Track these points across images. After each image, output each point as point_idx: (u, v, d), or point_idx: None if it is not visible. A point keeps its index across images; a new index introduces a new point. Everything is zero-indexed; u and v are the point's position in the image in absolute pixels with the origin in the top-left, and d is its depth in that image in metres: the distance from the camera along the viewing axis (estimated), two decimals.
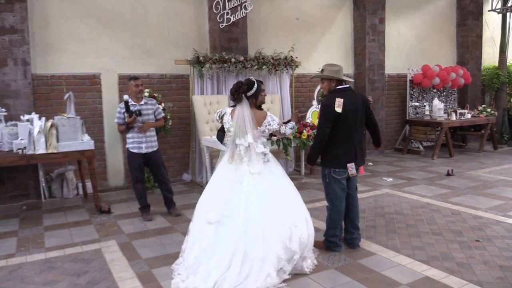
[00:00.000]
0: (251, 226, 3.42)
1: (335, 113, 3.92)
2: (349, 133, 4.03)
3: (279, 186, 3.72)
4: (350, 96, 4.04)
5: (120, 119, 5.17)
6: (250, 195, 3.54)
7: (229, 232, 3.43)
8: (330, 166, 4.06)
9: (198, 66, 7.05)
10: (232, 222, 3.47)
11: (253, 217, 3.46)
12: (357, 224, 4.22)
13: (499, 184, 6.79)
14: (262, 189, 3.59)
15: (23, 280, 3.68)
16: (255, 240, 3.39)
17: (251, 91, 3.80)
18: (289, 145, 6.54)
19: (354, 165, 4.05)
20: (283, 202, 3.63)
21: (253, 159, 3.69)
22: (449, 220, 5.04)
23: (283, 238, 3.48)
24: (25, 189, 6.24)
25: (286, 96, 8.04)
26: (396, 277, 3.58)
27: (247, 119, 3.74)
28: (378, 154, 9.57)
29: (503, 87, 11.64)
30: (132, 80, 5.21)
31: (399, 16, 10.16)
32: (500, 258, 3.94)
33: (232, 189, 3.60)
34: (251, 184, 3.59)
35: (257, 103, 3.92)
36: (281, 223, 3.52)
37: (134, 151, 5.19)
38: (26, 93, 6.15)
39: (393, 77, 10.21)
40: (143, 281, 3.59)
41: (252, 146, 3.70)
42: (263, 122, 3.83)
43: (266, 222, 3.46)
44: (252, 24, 7.89)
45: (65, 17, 6.55)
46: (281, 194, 3.68)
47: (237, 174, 3.66)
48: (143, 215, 5.36)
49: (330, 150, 4.05)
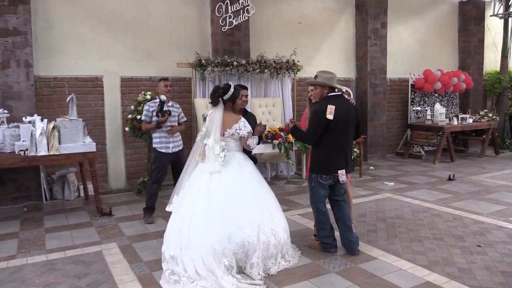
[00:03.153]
0: (195, 219, 3.65)
1: (326, 120, 3.95)
2: (339, 140, 4.05)
3: (233, 188, 3.79)
4: (342, 103, 4.07)
5: (148, 117, 5.27)
6: (202, 191, 3.76)
7: (179, 222, 3.74)
8: (318, 172, 4.11)
9: (200, 69, 7.06)
10: (184, 213, 3.74)
11: (198, 212, 3.66)
12: (349, 225, 4.19)
13: (501, 189, 6.78)
14: (214, 188, 3.77)
15: (24, 282, 3.67)
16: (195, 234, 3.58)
17: (226, 95, 3.97)
18: (291, 149, 6.55)
19: (345, 172, 4.08)
20: (231, 202, 3.71)
21: (211, 159, 3.88)
22: (451, 225, 5.03)
23: (222, 237, 3.57)
24: (26, 190, 6.24)
25: (288, 100, 8.05)
26: (397, 282, 3.57)
27: (216, 122, 3.94)
28: (380, 158, 9.57)
29: (505, 92, 11.65)
30: (162, 81, 5.41)
31: (401, 21, 10.18)
32: (501, 263, 3.93)
33: (192, 184, 3.88)
34: (205, 181, 3.80)
35: (234, 107, 4.09)
36: (223, 222, 3.61)
37: (163, 150, 5.28)
38: (28, 95, 6.17)
39: (394, 82, 10.21)
40: (143, 284, 3.59)
41: (211, 147, 3.88)
42: (233, 126, 3.95)
43: (208, 218, 3.62)
44: (254, 28, 7.91)
45: (68, 19, 6.57)
46: (232, 195, 3.75)
47: (200, 171, 3.92)
48: (146, 217, 5.37)
49: (320, 156, 4.10)
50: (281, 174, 8.14)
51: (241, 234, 3.60)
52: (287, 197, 6.35)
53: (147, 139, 6.50)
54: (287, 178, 7.90)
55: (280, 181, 7.66)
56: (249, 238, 3.61)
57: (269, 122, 7.60)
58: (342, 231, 4.21)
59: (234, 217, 3.66)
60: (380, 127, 9.57)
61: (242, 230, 3.61)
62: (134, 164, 7.19)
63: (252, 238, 3.62)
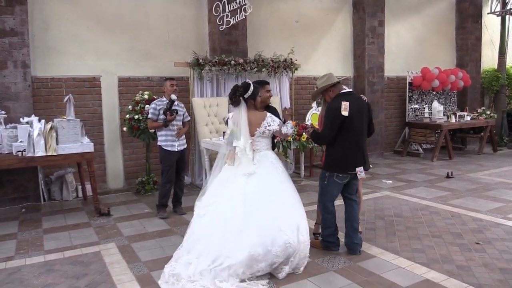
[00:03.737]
0: (230, 224, 3.57)
1: (341, 117, 3.90)
2: (355, 137, 4.00)
3: (271, 190, 3.75)
4: (355, 99, 4.04)
5: (155, 115, 5.34)
6: (237, 194, 3.68)
7: (212, 226, 3.63)
8: (335, 171, 4.04)
9: (198, 69, 7.05)
10: (217, 218, 3.65)
11: (234, 216, 3.59)
12: (356, 227, 4.18)
13: (499, 186, 6.79)
14: (250, 190, 3.70)
15: (22, 282, 3.67)
16: (230, 238, 3.52)
17: (247, 93, 3.90)
18: (289, 148, 6.54)
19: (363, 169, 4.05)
20: (271, 205, 3.66)
21: (243, 161, 3.80)
22: (449, 223, 5.03)
23: (264, 241, 3.50)
24: (24, 191, 6.22)
25: (286, 99, 8.05)
26: (396, 279, 3.57)
27: (243, 122, 3.85)
28: (378, 156, 9.58)
29: (502, 89, 11.66)
30: (168, 80, 5.50)
31: (399, 19, 10.18)
32: (500, 260, 3.93)
33: (224, 188, 3.78)
34: (241, 185, 3.72)
35: (256, 104, 4.00)
36: (263, 225, 3.56)
37: (168, 149, 5.36)
38: (25, 96, 6.15)
39: (392, 80, 10.22)
40: (142, 284, 3.59)
41: (242, 149, 3.81)
42: (262, 123, 3.90)
43: (246, 222, 3.55)
44: (251, 27, 7.90)
45: (65, 20, 6.55)
46: (270, 197, 3.71)
47: (232, 174, 3.82)
48: (160, 212, 5.47)
49: (337, 155, 4.03)
50: None
51: (282, 237, 3.56)
52: None
53: (145, 139, 6.50)
54: None
55: None
56: (290, 239, 3.58)
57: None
58: (348, 231, 4.18)
59: (275, 219, 3.61)
60: (378, 125, 9.54)
61: (283, 232, 3.57)
62: (132, 164, 7.18)
63: (293, 239, 3.60)
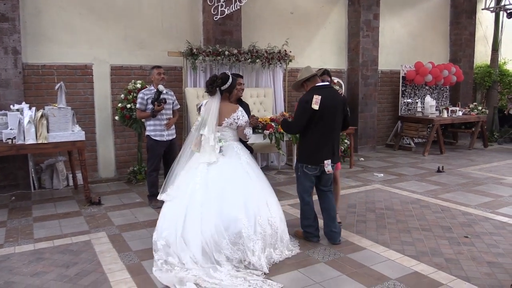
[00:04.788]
0: (191, 211, 3.62)
1: (311, 110, 3.96)
2: (326, 130, 4.07)
3: (231, 178, 3.78)
4: (329, 93, 4.08)
5: (142, 105, 5.32)
6: (198, 182, 3.73)
7: (174, 211, 3.70)
8: (303, 162, 4.16)
9: (192, 59, 7.00)
10: (179, 204, 3.70)
11: (195, 203, 3.64)
12: (333, 216, 4.24)
13: (489, 181, 6.85)
14: (211, 179, 3.75)
15: (11, 271, 3.64)
16: (191, 225, 3.58)
17: (225, 85, 3.94)
18: (282, 139, 6.54)
19: (331, 162, 4.10)
20: (229, 193, 3.70)
21: (207, 149, 3.86)
22: (439, 216, 5.08)
23: (220, 229, 3.57)
24: (14, 179, 6.17)
25: (279, 90, 8.03)
26: (385, 272, 3.60)
27: (213, 112, 3.90)
28: (370, 149, 9.62)
29: (494, 85, 11.75)
30: (154, 69, 5.44)
31: (394, 13, 10.17)
32: (488, 254, 3.98)
33: (187, 174, 3.85)
34: (202, 172, 3.77)
35: (231, 97, 4.07)
36: (220, 213, 3.61)
37: (157, 138, 5.35)
38: (16, 83, 6.07)
39: (386, 73, 10.24)
40: (132, 273, 3.58)
41: (207, 137, 3.85)
42: (232, 115, 3.95)
43: (205, 210, 3.61)
44: (246, 17, 7.85)
45: (57, 6, 6.46)
46: (230, 185, 3.74)
47: (195, 161, 3.89)
48: (152, 203, 5.47)
49: (306, 147, 4.14)
50: (271, 164, 8.15)
51: (238, 225, 3.59)
52: (278, 188, 6.34)
53: (137, 128, 6.46)
54: (278, 168, 7.91)
55: (271, 171, 7.66)
56: (246, 228, 3.61)
57: (260, 112, 7.58)
58: (326, 221, 4.28)
59: (232, 208, 3.65)
60: (371, 118, 9.60)
61: (239, 221, 3.60)
62: (124, 153, 7.15)
63: (249, 229, 3.62)
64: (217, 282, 3.32)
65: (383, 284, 3.38)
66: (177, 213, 3.67)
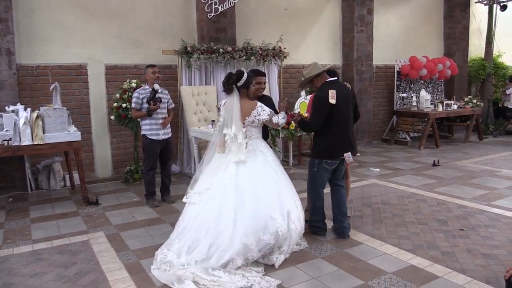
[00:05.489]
0: (224, 213, 3.58)
1: (329, 105, 3.99)
2: (343, 124, 4.12)
3: (262, 177, 3.78)
4: (340, 87, 4.15)
5: (138, 104, 5.32)
6: (228, 183, 3.69)
7: (205, 215, 3.63)
8: (323, 157, 4.14)
9: (186, 57, 7.00)
10: (209, 207, 3.65)
11: (227, 205, 3.61)
12: (345, 211, 4.29)
13: (484, 174, 6.90)
14: (242, 179, 3.72)
15: (10, 272, 3.65)
16: (225, 228, 3.53)
17: (240, 81, 3.88)
18: (277, 136, 6.56)
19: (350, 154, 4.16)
20: (262, 193, 3.69)
21: (233, 149, 3.82)
22: (435, 210, 5.12)
23: (256, 230, 3.55)
24: (11, 181, 6.16)
25: (275, 87, 8.04)
26: (382, 266, 3.64)
27: (234, 110, 3.85)
28: (366, 144, 9.65)
29: (489, 78, 11.79)
30: (149, 68, 5.43)
31: (387, 8, 10.18)
32: (483, 246, 4.02)
33: (215, 176, 3.78)
34: (232, 174, 3.73)
35: (249, 93, 3.99)
36: (255, 214, 3.59)
37: (153, 137, 5.35)
38: (11, 84, 6.06)
39: (381, 68, 10.26)
40: (131, 272, 3.60)
41: (235, 136, 3.81)
42: (252, 113, 3.89)
43: (239, 212, 3.58)
44: (240, 14, 7.84)
45: (50, 6, 6.43)
46: (261, 185, 3.74)
47: (222, 162, 3.84)
48: (149, 202, 5.49)
49: (325, 142, 4.14)
50: None
51: (274, 225, 3.61)
52: None
53: (133, 128, 6.46)
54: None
55: None
56: (281, 227, 3.63)
57: None
58: (336, 216, 4.29)
59: (266, 208, 3.64)
60: (366, 113, 9.62)
61: (274, 220, 3.62)
62: (121, 153, 7.15)
63: (284, 227, 3.65)
64: (215, 280, 3.33)
65: (380, 278, 3.41)
66: (206, 217, 3.60)
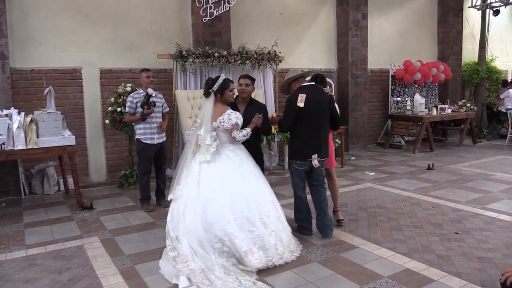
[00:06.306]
0: (188, 209, 3.71)
1: (297, 108, 4.18)
2: (312, 127, 4.26)
3: (222, 181, 3.80)
4: (314, 92, 4.29)
5: (132, 108, 5.31)
6: (192, 181, 3.83)
7: (177, 209, 3.77)
8: (292, 158, 4.37)
9: (181, 61, 7.00)
10: (180, 201, 3.79)
11: (191, 202, 3.74)
12: (324, 209, 4.37)
13: (478, 177, 6.93)
14: (203, 179, 3.83)
15: (3, 278, 3.62)
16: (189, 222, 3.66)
17: (214, 86, 4.01)
18: (273, 140, 6.56)
19: (318, 156, 4.23)
20: (218, 196, 3.72)
21: (202, 149, 3.95)
22: (430, 213, 5.13)
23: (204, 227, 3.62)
24: (4, 185, 6.11)
25: (270, 91, 8.04)
26: (377, 269, 3.63)
27: (207, 113, 4.01)
28: (361, 148, 9.67)
29: (482, 82, 11.88)
30: (143, 72, 5.43)
31: (382, 12, 10.24)
32: (478, 249, 4.03)
33: (187, 173, 3.93)
34: (195, 172, 3.87)
35: (222, 99, 4.09)
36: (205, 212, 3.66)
37: (147, 142, 5.35)
38: (4, 88, 6.02)
39: (375, 72, 10.30)
40: (126, 277, 3.58)
41: (202, 137, 3.94)
42: (218, 118, 4.00)
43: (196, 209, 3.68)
44: (235, 18, 7.86)
45: (45, 9, 6.41)
46: (219, 188, 3.76)
47: (193, 161, 3.99)
48: (144, 206, 5.48)
49: (295, 143, 4.36)
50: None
51: (223, 225, 3.60)
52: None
53: (128, 132, 6.44)
54: (269, 169, 7.92)
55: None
56: (232, 229, 3.60)
57: None
58: (317, 214, 4.43)
59: (219, 208, 3.66)
60: (361, 117, 9.66)
61: (226, 221, 3.61)
62: (115, 157, 7.11)
63: (234, 227, 3.62)
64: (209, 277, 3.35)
65: (375, 282, 3.41)
66: (178, 212, 3.76)
